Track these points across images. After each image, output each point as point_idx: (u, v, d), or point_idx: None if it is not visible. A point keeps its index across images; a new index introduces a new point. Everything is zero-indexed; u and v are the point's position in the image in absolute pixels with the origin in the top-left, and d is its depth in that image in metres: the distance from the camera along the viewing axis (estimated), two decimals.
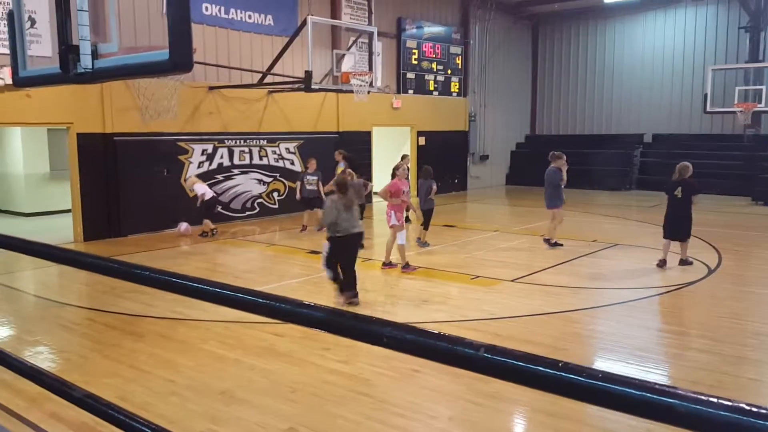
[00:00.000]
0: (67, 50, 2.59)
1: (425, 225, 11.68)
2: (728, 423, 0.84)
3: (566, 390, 1.01)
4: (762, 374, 5.65)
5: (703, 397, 0.87)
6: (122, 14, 12.02)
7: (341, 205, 7.72)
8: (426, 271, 9.59)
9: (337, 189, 8.00)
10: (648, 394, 0.91)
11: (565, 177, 11.30)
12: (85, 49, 2.55)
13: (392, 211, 9.50)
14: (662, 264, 9.61)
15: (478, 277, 9.16)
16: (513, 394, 4.94)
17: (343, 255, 7.89)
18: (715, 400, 0.86)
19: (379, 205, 17.01)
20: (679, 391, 0.90)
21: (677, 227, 9.69)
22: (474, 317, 7.27)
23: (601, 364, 6.04)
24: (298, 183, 13.31)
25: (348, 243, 7.84)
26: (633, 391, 0.93)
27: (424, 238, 11.70)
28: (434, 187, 11.74)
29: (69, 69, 2.63)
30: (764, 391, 5.37)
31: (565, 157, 11.45)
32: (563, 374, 0.99)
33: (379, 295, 8.50)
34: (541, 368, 1.01)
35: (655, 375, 5.64)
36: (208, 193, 12.79)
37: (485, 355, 1.06)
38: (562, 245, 11.12)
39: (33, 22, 11.11)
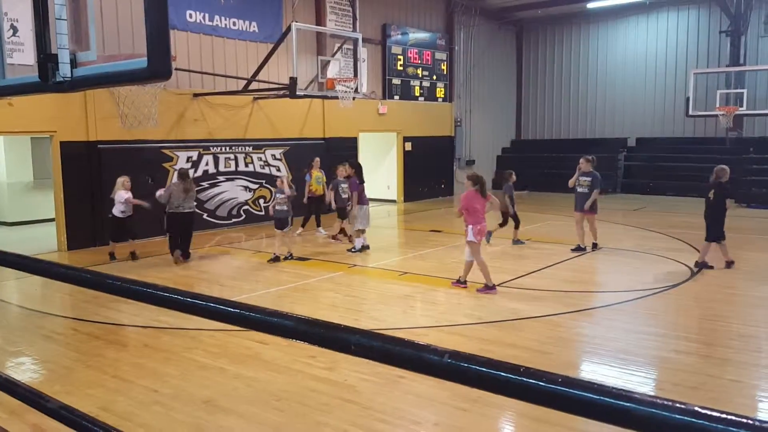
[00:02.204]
0: (46, 59, 2.59)
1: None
2: (682, 426, 0.85)
3: (528, 395, 1.02)
4: (744, 376, 5.70)
5: (658, 401, 0.89)
6: (106, 21, 11.97)
7: (181, 189, 10.60)
8: (412, 277, 9.61)
9: (178, 177, 10.93)
10: (606, 398, 0.92)
11: (572, 180, 11.51)
12: (64, 57, 2.55)
13: None
14: (729, 265, 9.86)
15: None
16: (497, 399, 4.91)
17: (177, 226, 10.80)
18: (669, 403, 0.88)
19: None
20: (636, 395, 0.92)
21: (710, 228, 9.84)
22: (460, 322, 7.29)
23: (585, 368, 6.08)
24: (332, 192, 12.54)
25: (178, 218, 10.69)
26: (592, 396, 0.94)
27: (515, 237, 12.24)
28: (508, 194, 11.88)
29: (48, 78, 2.63)
30: (746, 392, 5.42)
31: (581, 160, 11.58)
32: (524, 379, 1.00)
33: (366, 301, 8.50)
34: (503, 374, 1.02)
35: (639, 377, 5.68)
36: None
37: (449, 361, 1.07)
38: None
39: (15, 30, 11.03)
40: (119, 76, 2.54)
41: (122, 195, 10.82)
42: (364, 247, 11.64)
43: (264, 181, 15.83)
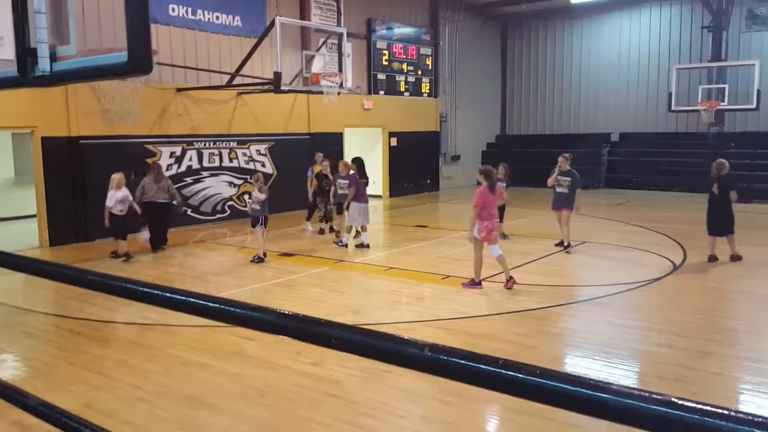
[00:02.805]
0: (25, 53, 2.56)
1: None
2: (658, 416, 0.86)
3: (507, 387, 1.03)
4: (725, 368, 5.77)
5: (634, 392, 0.90)
6: (86, 15, 11.82)
7: (152, 180, 11.29)
8: (397, 272, 9.62)
9: (150, 171, 11.59)
10: (584, 390, 0.93)
11: (551, 179, 11.30)
12: (43, 52, 2.52)
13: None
14: (712, 259, 9.81)
15: (449, 276, 9.21)
16: (483, 393, 4.95)
17: (153, 214, 11.23)
18: (646, 394, 0.89)
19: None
20: (612, 386, 0.93)
21: (718, 223, 9.86)
22: (445, 317, 7.31)
23: (569, 361, 6.13)
24: (332, 187, 12.45)
25: (153, 207, 11.17)
26: (569, 387, 0.95)
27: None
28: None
29: (27, 72, 2.59)
30: (727, 384, 5.49)
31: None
32: (503, 372, 1.01)
33: (352, 297, 8.50)
34: (482, 366, 1.03)
35: (621, 370, 5.74)
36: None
37: (429, 354, 1.08)
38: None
39: None
40: (99, 71, 2.52)
41: (112, 195, 10.72)
42: (364, 246, 11.57)
43: (248, 177, 15.72)
